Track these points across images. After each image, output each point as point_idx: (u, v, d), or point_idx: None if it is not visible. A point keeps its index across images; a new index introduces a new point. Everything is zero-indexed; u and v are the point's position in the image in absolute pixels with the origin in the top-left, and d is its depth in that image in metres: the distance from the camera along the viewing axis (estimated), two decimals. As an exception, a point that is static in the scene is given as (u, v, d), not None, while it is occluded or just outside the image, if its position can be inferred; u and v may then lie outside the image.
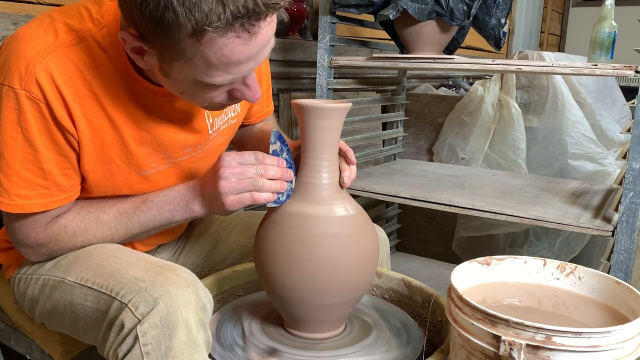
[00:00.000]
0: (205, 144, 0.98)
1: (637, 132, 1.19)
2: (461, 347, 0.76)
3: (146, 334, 0.76)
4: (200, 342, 0.78)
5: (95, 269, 0.85)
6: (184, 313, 0.76)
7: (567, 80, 2.11)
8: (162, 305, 0.76)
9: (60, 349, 1.02)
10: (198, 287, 0.80)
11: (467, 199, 1.43)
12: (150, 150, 0.90)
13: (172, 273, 0.80)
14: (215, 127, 0.99)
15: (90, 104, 0.82)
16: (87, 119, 0.83)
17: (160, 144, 0.91)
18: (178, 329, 0.76)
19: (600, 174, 1.97)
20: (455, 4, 1.41)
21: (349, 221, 0.88)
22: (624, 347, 0.69)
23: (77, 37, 0.81)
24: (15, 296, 1.00)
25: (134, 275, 0.81)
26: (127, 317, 0.77)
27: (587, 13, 5.29)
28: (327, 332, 0.93)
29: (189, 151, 0.96)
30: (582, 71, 1.26)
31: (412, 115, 2.38)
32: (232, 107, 1.02)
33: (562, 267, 0.88)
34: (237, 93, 0.80)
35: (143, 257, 0.87)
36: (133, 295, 0.78)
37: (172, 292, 0.77)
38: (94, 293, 0.84)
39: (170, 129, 0.91)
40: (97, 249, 0.90)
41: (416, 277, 1.13)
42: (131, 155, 0.89)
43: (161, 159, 0.93)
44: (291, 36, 2.15)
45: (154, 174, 0.93)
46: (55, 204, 0.86)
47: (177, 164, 0.95)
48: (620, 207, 1.23)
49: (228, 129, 1.03)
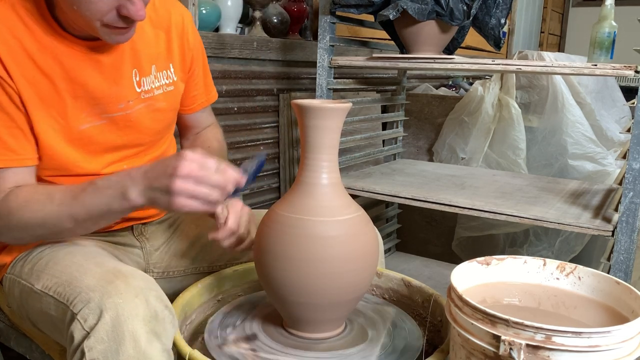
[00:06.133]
0: (137, 102, 1.00)
1: (637, 132, 1.19)
2: (461, 347, 0.76)
3: (92, 348, 0.74)
4: (153, 354, 0.76)
5: (58, 276, 0.85)
6: (130, 325, 0.74)
7: (567, 80, 2.11)
8: (107, 318, 0.74)
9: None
10: (149, 295, 0.78)
11: (467, 199, 1.43)
12: (84, 103, 0.93)
13: (122, 281, 0.78)
14: (145, 87, 1.01)
15: (23, 61, 0.87)
16: (23, 75, 0.87)
17: (93, 96, 0.94)
18: (125, 342, 0.74)
19: (600, 174, 1.97)
20: (455, 4, 1.41)
21: (348, 221, 0.88)
22: (624, 347, 0.69)
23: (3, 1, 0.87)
24: (6, 297, 1.00)
25: (86, 284, 0.79)
26: (76, 329, 0.76)
27: (587, 13, 5.29)
28: (327, 332, 0.93)
29: (122, 107, 0.98)
30: (582, 71, 1.26)
31: (412, 115, 2.38)
32: (164, 73, 1.05)
33: (562, 267, 0.88)
34: (123, 10, 0.84)
35: (102, 263, 0.86)
36: (82, 305, 0.77)
37: (118, 304, 0.75)
38: (55, 302, 0.83)
39: (100, 82, 0.94)
40: (65, 255, 0.89)
41: (416, 277, 1.13)
42: (67, 108, 0.92)
43: (96, 114, 0.95)
44: (291, 36, 2.15)
45: (91, 128, 0.95)
46: (5, 163, 0.87)
47: (112, 120, 0.97)
48: (620, 207, 1.23)
49: (166, 95, 1.05)
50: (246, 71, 1.84)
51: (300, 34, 2.25)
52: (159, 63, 1.04)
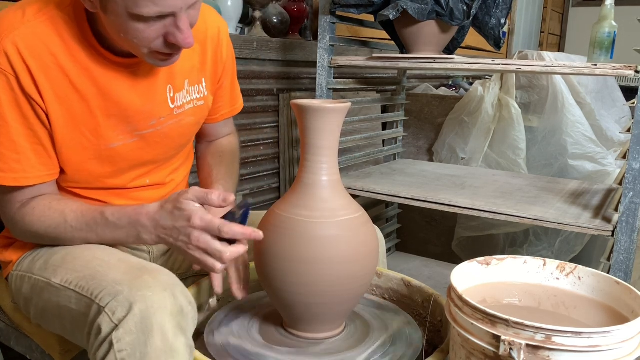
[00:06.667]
0: (169, 118, 0.99)
1: (637, 132, 1.19)
2: (461, 347, 0.76)
3: (121, 340, 0.75)
4: (178, 347, 0.77)
5: (79, 271, 0.86)
6: (159, 318, 0.76)
7: (567, 80, 2.11)
8: (137, 311, 0.76)
9: (59, 349, 1.02)
10: (176, 290, 0.80)
11: (467, 199, 1.43)
12: (116, 121, 0.93)
13: (150, 276, 0.80)
14: (178, 102, 1.00)
15: (57, 77, 0.86)
16: (55, 92, 0.86)
17: (126, 115, 0.93)
18: (153, 334, 0.75)
19: (600, 174, 1.97)
20: (455, 4, 1.41)
21: (348, 221, 0.88)
22: (624, 347, 0.69)
23: (43, 14, 0.85)
24: (12, 294, 1.00)
25: (113, 279, 0.81)
26: (104, 322, 0.77)
27: (587, 13, 5.29)
28: (327, 332, 0.93)
29: (153, 124, 0.97)
30: (582, 71, 1.26)
31: (412, 115, 2.38)
32: (196, 87, 1.04)
33: (562, 267, 0.88)
34: (170, 37, 0.83)
35: (126, 259, 0.87)
36: (110, 299, 0.78)
37: (147, 297, 0.77)
38: (77, 296, 0.84)
39: (134, 100, 0.93)
40: (85, 250, 0.91)
41: (416, 277, 1.13)
42: (99, 127, 0.91)
43: (128, 132, 0.95)
44: (291, 36, 2.15)
45: (122, 147, 0.95)
46: (27, 181, 0.88)
47: (143, 137, 0.97)
48: (620, 207, 1.23)
49: (195, 110, 1.04)
50: (246, 71, 1.84)
51: (300, 34, 2.25)
52: (192, 77, 1.02)
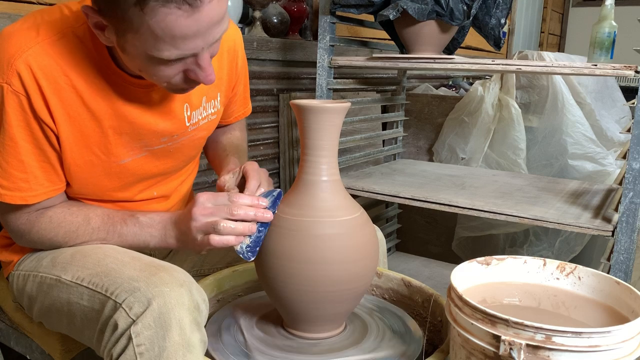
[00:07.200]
0: (182, 135, 1.00)
1: (637, 132, 1.19)
2: (461, 347, 0.76)
3: (139, 334, 0.76)
4: (195, 342, 0.78)
5: (91, 268, 0.86)
6: (177, 313, 0.77)
7: (567, 80, 2.11)
8: (155, 306, 0.76)
9: (59, 348, 1.02)
10: (192, 287, 0.81)
11: (467, 199, 1.43)
12: (128, 139, 0.93)
13: (166, 273, 0.81)
14: (194, 119, 1.00)
15: (69, 97, 0.85)
16: (67, 112, 0.86)
17: (139, 133, 0.93)
18: (171, 329, 0.76)
19: (600, 174, 1.97)
20: (455, 4, 1.41)
21: (348, 221, 0.88)
22: (624, 347, 0.69)
23: (58, 33, 0.84)
24: (13, 294, 1.00)
25: (128, 275, 0.82)
26: (121, 317, 0.78)
27: (587, 13, 5.29)
28: (327, 332, 0.93)
29: (165, 140, 0.97)
30: (582, 71, 1.26)
31: (412, 115, 2.38)
32: (212, 102, 1.04)
33: (562, 267, 0.88)
34: (191, 74, 0.82)
35: (138, 257, 0.88)
36: (127, 295, 0.79)
37: (165, 293, 0.77)
38: (89, 292, 0.84)
39: (149, 119, 0.93)
40: (94, 249, 0.91)
41: (416, 277, 1.13)
42: (110, 144, 0.91)
43: (138, 148, 0.95)
44: (291, 36, 2.15)
45: (131, 162, 0.95)
46: (35, 198, 0.88)
47: (153, 152, 0.97)
48: (620, 207, 1.23)
49: (208, 124, 1.05)
50: (246, 71, 1.84)
51: (300, 34, 2.25)
52: (209, 94, 1.02)
